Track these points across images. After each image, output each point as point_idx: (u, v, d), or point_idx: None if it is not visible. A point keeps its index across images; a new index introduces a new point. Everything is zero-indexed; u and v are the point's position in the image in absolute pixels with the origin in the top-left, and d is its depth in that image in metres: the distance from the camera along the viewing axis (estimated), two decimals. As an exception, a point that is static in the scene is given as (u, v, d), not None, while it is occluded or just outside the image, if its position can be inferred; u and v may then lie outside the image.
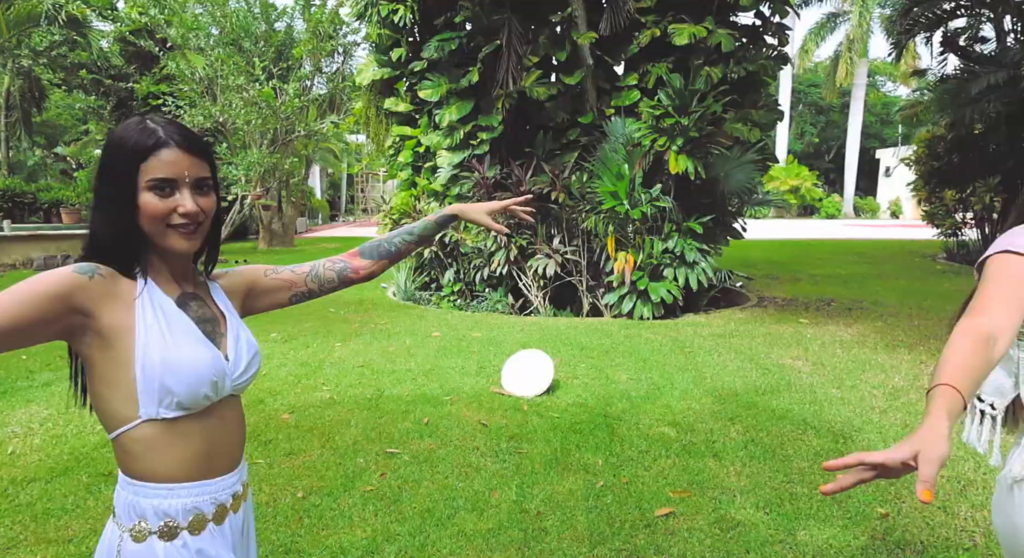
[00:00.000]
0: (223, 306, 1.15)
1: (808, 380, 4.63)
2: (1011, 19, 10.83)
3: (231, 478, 1.10)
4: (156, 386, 0.97)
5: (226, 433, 1.09)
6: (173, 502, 1.02)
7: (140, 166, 0.97)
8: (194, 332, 1.04)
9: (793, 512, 2.67)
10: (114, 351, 0.97)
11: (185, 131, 1.03)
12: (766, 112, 7.93)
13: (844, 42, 24.86)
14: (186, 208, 0.99)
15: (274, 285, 1.27)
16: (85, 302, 0.94)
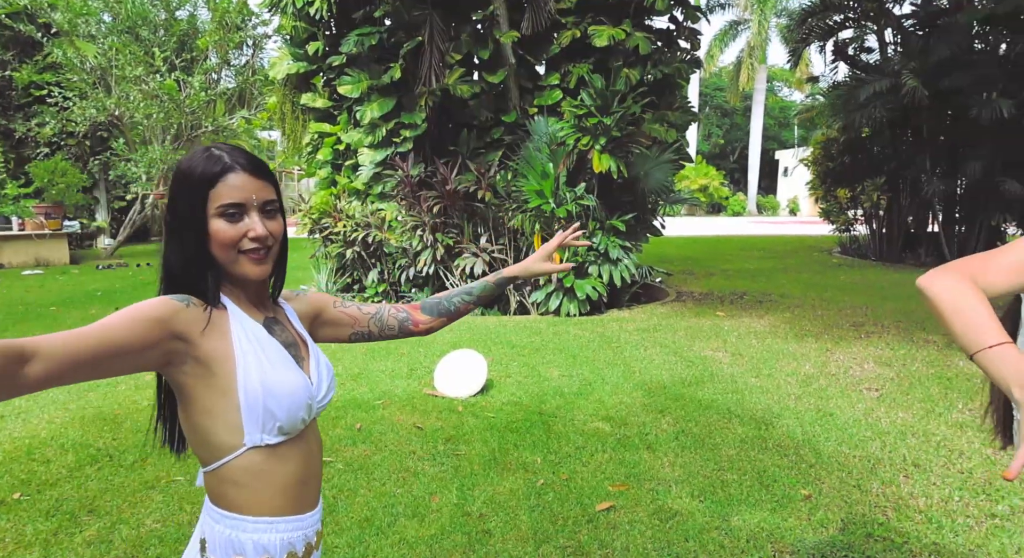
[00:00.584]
0: (300, 329, 1.15)
1: (729, 370, 4.84)
2: (891, 32, 11.80)
3: (316, 514, 1.09)
4: (260, 411, 0.96)
5: (315, 457, 1.09)
6: (273, 537, 1.00)
7: (209, 193, 0.97)
8: (285, 356, 1.04)
9: (726, 498, 2.78)
10: (215, 378, 0.96)
11: (249, 155, 1.02)
12: (681, 113, 8.25)
13: (745, 49, 26.34)
14: (256, 232, 0.99)
15: (339, 318, 1.27)
16: (183, 328, 0.94)
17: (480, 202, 7.33)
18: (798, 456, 3.24)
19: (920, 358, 5.11)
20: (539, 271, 1.44)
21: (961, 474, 3.02)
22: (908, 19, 11.65)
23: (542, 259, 1.44)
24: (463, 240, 7.49)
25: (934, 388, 4.35)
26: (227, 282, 1.04)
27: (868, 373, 4.76)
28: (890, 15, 11.56)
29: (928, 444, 3.38)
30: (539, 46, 7.81)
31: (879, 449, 3.32)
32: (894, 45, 11.90)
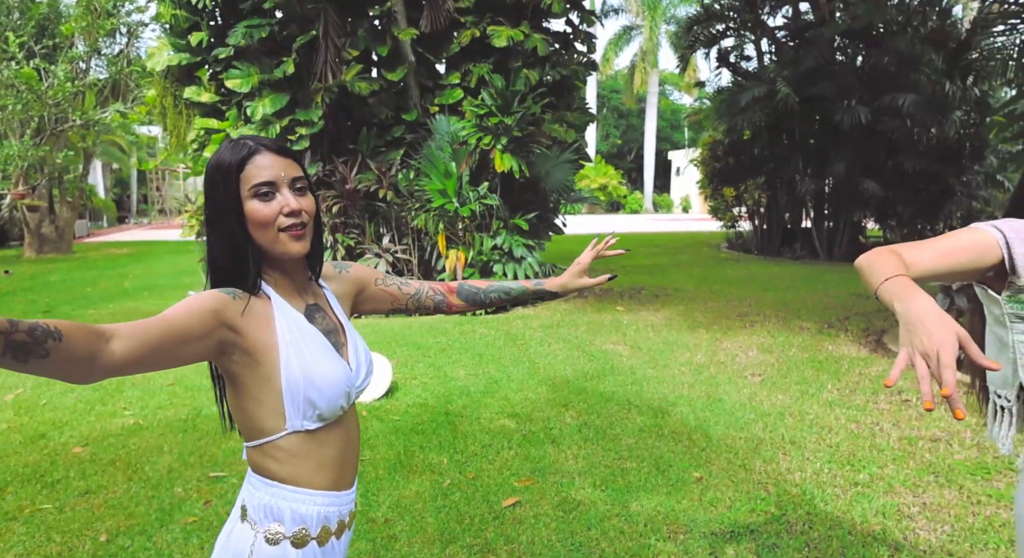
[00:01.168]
0: (339, 314, 1.18)
1: (628, 363, 5.05)
2: (767, 42, 12.74)
3: (351, 494, 1.14)
4: (301, 400, 1.01)
5: (353, 440, 1.14)
6: (310, 508, 1.05)
7: (240, 176, 1.02)
8: (326, 345, 1.08)
9: (625, 486, 2.90)
10: (262, 367, 1.01)
11: (272, 139, 1.10)
12: (579, 114, 8.50)
13: (639, 53, 27.51)
14: (291, 206, 1.02)
15: (380, 296, 1.31)
16: (233, 319, 0.99)
17: (382, 202, 7.20)
18: (691, 441, 3.44)
19: (796, 344, 5.56)
20: (577, 287, 1.42)
21: (830, 448, 3.32)
22: (781, 31, 12.63)
23: (578, 275, 1.42)
24: (365, 240, 7.33)
25: (808, 371, 4.75)
26: (269, 271, 1.08)
27: (752, 360, 5.12)
28: (765, 26, 12.47)
29: (803, 423, 3.69)
30: (439, 44, 7.77)
31: (761, 430, 3.59)
32: (770, 54, 12.85)
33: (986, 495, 2.77)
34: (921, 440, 3.41)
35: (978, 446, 3.31)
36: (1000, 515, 2.60)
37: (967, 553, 2.34)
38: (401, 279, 1.35)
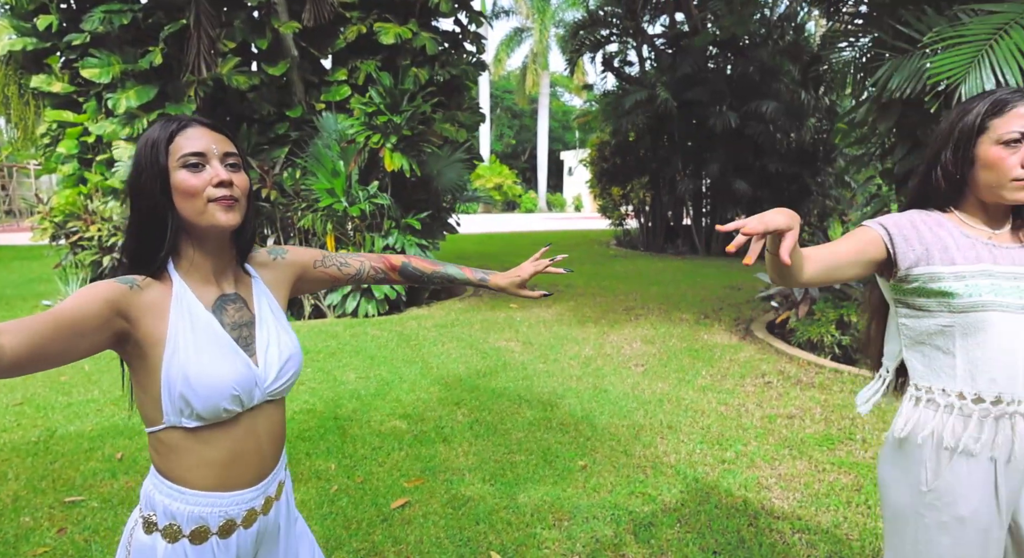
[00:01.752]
0: (263, 305, 1.13)
1: (520, 359, 5.16)
2: (647, 48, 13.42)
3: (250, 492, 1.08)
4: (176, 397, 0.99)
5: (253, 444, 1.08)
6: (181, 506, 1.03)
7: (169, 148, 1.00)
8: (223, 342, 1.03)
9: (514, 479, 2.97)
10: (147, 360, 1.00)
11: (206, 117, 1.08)
12: (470, 114, 8.54)
13: (530, 55, 28.05)
14: (220, 177, 1.00)
15: (321, 277, 1.29)
16: (127, 309, 0.97)
17: (266, 201, 6.88)
18: (577, 431, 3.58)
19: (676, 334, 5.93)
20: (514, 294, 1.43)
21: (702, 430, 3.58)
22: (659, 38, 13.35)
23: (517, 285, 1.42)
24: (247, 242, 6.97)
25: (685, 360, 5.08)
26: (188, 253, 1.05)
27: (636, 351, 5.40)
28: (645, 34, 13.14)
29: (679, 408, 3.95)
30: (324, 39, 7.53)
31: (642, 417, 3.80)
32: (650, 60, 13.55)
33: (830, 463, 3.11)
34: (780, 418, 3.76)
35: (825, 421, 3.69)
36: (840, 480, 2.93)
37: (812, 515, 2.61)
38: (341, 259, 1.31)
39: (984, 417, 1.20)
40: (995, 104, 1.20)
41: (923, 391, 1.26)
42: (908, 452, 1.26)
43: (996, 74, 3.33)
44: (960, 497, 1.20)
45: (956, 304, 1.20)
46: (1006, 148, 1.18)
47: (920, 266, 1.22)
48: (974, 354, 1.20)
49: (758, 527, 2.53)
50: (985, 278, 1.20)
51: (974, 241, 1.23)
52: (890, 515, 1.31)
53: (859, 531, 2.48)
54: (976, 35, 3.47)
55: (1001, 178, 1.19)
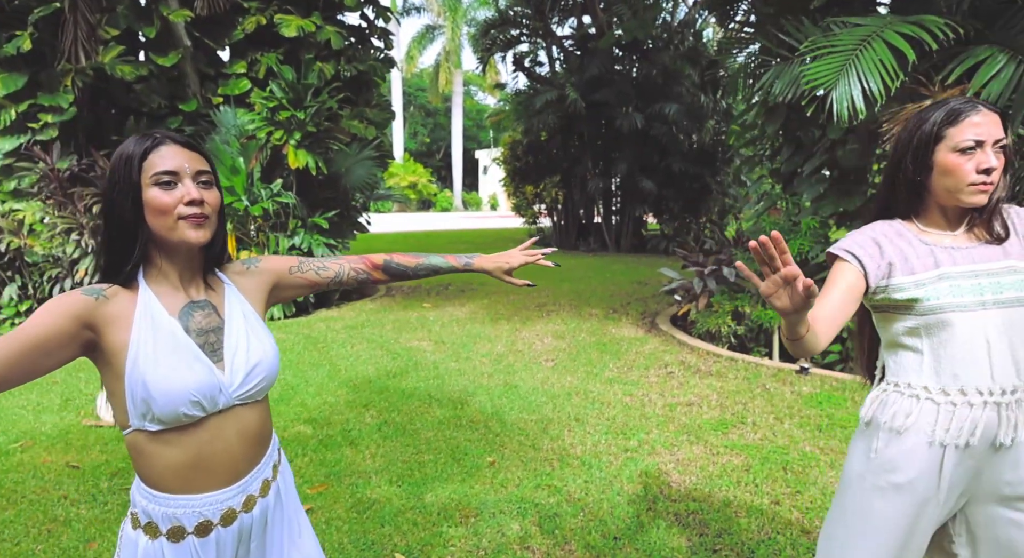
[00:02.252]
0: (234, 311, 1.14)
1: (432, 358, 5.13)
2: (556, 49, 13.68)
3: (224, 493, 1.10)
4: (138, 402, 1.02)
5: (222, 446, 1.09)
6: (155, 507, 1.07)
7: (142, 165, 1.03)
8: (184, 349, 1.05)
9: (421, 479, 2.95)
10: (112, 367, 1.03)
11: (181, 134, 1.10)
12: (379, 111, 8.38)
13: (442, 53, 27.88)
14: (191, 196, 1.03)
15: (299, 283, 1.30)
16: (93, 321, 1.01)
17: (157, 200, 6.46)
18: (487, 428, 3.60)
19: (586, 329, 6.09)
20: (502, 279, 1.48)
21: (608, 421, 3.69)
22: (568, 40, 13.63)
23: (504, 271, 1.47)
24: (138, 244, 6.53)
25: (594, 353, 5.23)
26: (158, 261, 1.08)
27: (547, 346, 5.50)
28: (554, 35, 13.37)
29: (587, 401, 4.06)
30: (220, 30, 7.16)
31: (551, 411, 3.88)
32: (560, 61, 13.81)
33: (724, 446, 3.29)
34: (680, 405, 3.94)
35: (720, 406, 3.91)
36: (732, 462, 3.11)
37: (706, 497, 2.76)
38: (319, 263, 1.33)
39: (942, 405, 1.29)
40: (950, 114, 1.29)
41: (891, 386, 1.37)
42: (866, 431, 1.38)
43: (862, 82, 3.63)
44: (899, 467, 1.30)
45: (920, 308, 1.29)
46: (962, 155, 1.27)
47: (884, 279, 1.32)
48: (939, 352, 1.30)
49: (656, 511, 2.64)
50: (944, 281, 1.28)
51: (932, 247, 1.32)
52: (841, 485, 1.42)
53: (746, 509, 2.64)
54: (845, 46, 3.77)
55: (959, 183, 1.28)
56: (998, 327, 1.26)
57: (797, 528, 2.48)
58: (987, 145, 1.26)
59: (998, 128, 1.27)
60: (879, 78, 3.59)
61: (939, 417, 1.29)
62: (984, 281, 1.27)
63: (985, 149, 1.26)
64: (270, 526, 1.18)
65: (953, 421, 1.28)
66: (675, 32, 12.40)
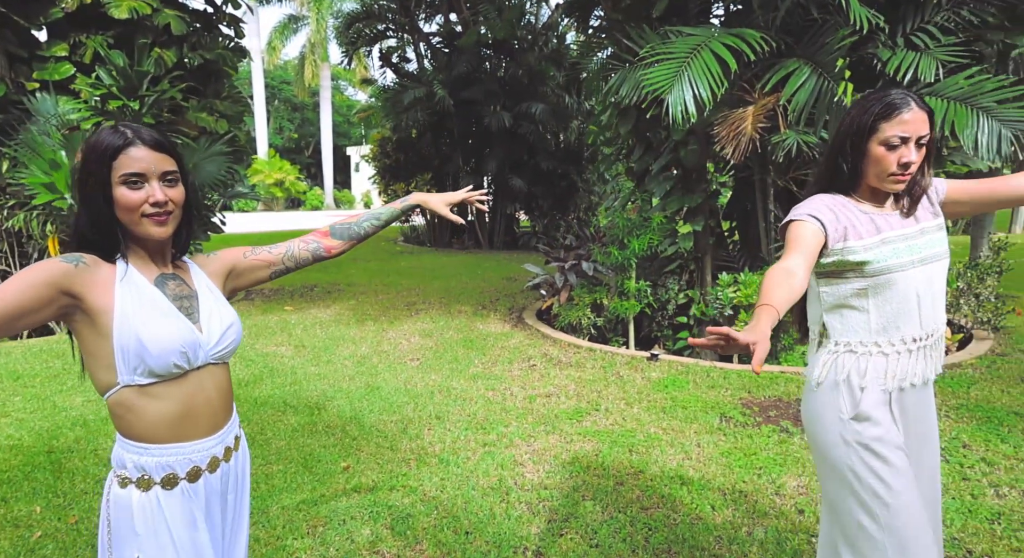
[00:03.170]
0: (201, 284, 1.26)
1: (290, 363, 4.88)
2: (424, 46, 13.56)
3: (209, 441, 1.22)
4: (131, 356, 1.11)
5: (204, 399, 1.21)
6: (148, 460, 1.16)
7: (112, 164, 1.12)
8: (167, 308, 1.17)
9: (267, 491, 2.79)
10: (97, 327, 1.11)
11: (151, 132, 1.16)
12: (231, 103, 7.84)
13: (307, 45, 26.67)
14: (156, 198, 1.13)
15: (253, 265, 1.39)
16: (72, 286, 1.09)
17: (-43, 199, 5.61)
18: (344, 432, 3.49)
19: (453, 327, 6.09)
20: (439, 210, 1.60)
21: (469, 417, 3.71)
22: (435, 36, 13.55)
23: (446, 204, 1.61)
24: (-67, 249, 5.63)
25: (460, 350, 5.24)
26: (132, 240, 1.18)
27: (414, 345, 5.43)
28: (420, 31, 13.23)
29: (449, 398, 4.05)
30: (34, 6, 6.34)
31: (412, 410, 3.83)
32: (427, 58, 13.70)
33: (577, 434, 3.42)
34: (539, 397, 4.05)
35: (577, 396, 4.06)
36: (584, 448, 3.24)
37: (557, 484, 2.85)
38: (267, 247, 1.43)
39: (887, 355, 1.46)
40: (885, 108, 1.42)
41: (842, 345, 1.50)
42: (825, 393, 1.50)
43: (693, 87, 3.92)
44: (873, 418, 1.44)
45: (868, 270, 1.44)
46: (888, 148, 1.42)
47: (839, 243, 1.45)
48: (884, 309, 1.46)
49: (509, 501, 2.69)
50: (886, 245, 1.45)
51: (870, 216, 1.48)
52: (821, 453, 1.51)
53: (593, 492, 2.76)
54: (678, 53, 4.05)
55: (882, 173, 1.44)
56: (923, 282, 1.46)
57: (637, 506, 2.63)
58: (911, 141, 1.42)
59: (924, 125, 1.42)
60: (707, 84, 3.89)
61: (887, 367, 1.46)
62: (910, 243, 1.47)
63: (909, 145, 1.42)
64: (242, 480, 1.32)
65: (898, 368, 1.46)
66: (540, 34, 12.74)
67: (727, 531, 2.42)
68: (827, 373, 1.50)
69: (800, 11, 4.31)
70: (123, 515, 1.16)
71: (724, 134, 4.32)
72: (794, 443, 3.23)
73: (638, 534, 2.41)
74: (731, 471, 2.93)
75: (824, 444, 1.49)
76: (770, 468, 2.94)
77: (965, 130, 3.62)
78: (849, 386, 1.46)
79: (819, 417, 1.50)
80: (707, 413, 3.67)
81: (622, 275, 5.47)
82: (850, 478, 1.44)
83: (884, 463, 1.42)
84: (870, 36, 4.14)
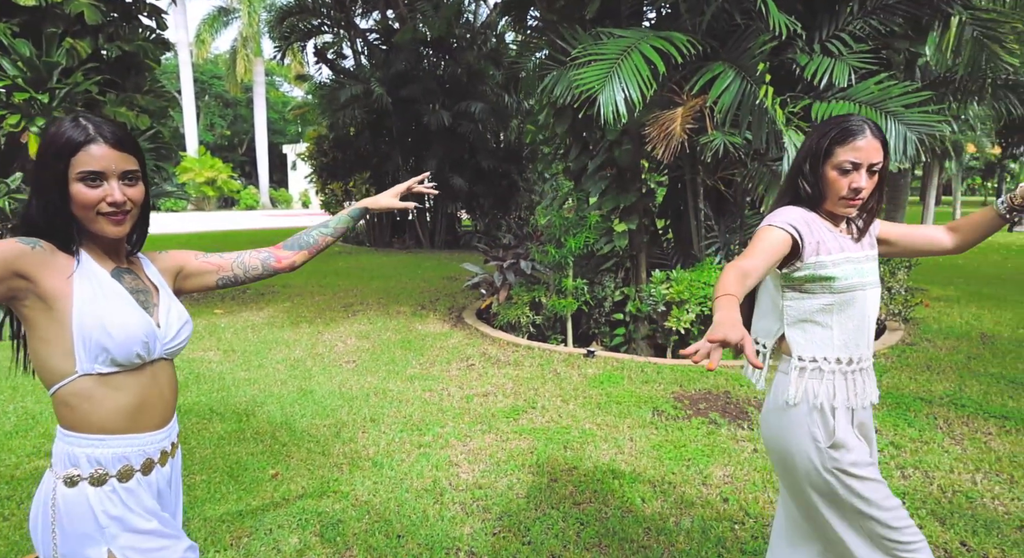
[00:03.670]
0: (155, 280, 1.27)
1: (218, 369, 4.70)
2: (361, 42, 13.31)
3: (159, 434, 1.23)
4: (93, 344, 1.09)
5: (157, 391, 1.22)
6: (104, 451, 1.14)
7: (71, 159, 1.10)
8: (128, 299, 1.16)
9: (188, 504, 2.67)
10: (54, 312, 1.09)
11: (115, 128, 1.14)
12: (154, 97, 7.48)
13: (239, 39, 25.73)
14: (114, 197, 1.12)
15: (203, 268, 1.39)
16: (27, 268, 1.07)
17: None
18: (274, 439, 3.38)
19: (392, 327, 6.00)
20: (390, 206, 1.57)
21: (404, 419, 3.66)
22: (372, 33, 13.33)
23: (393, 196, 1.58)
24: None
25: (398, 351, 5.17)
26: (85, 233, 1.16)
27: (350, 347, 5.32)
28: (357, 27, 12.98)
29: (385, 400, 3.99)
30: (-76, -11, 5.86)
31: (346, 414, 3.75)
32: (364, 54, 13.46)
33: (513, 432, 3.43)
34: (476, 396, 4.04)
35: (514, 394, 4.08)
36: (520, 446, 3.25)
37: (491, 483, 2.84)
38: (219, 254, 1.43)
39: (845, 374, 1.50)
40: (841, 133, 1.46)
41: (807, 361, 1.51)
42: (799, 417, 1.49)
43: (623, 89, 3.99)
44: (848, 445, 1.47)
45: (835, 286, 1.48)
46: (840, 173, 1.46)
47: (812, 256, 1.48)
48: (846, 326, 1.50)
49: (443, 503, 2.67)
50: (849, 264, 1.49)
51: (835, 235, 1.52)
52: (801, 480, 1.50)
53: (527, 489, 2.77)
54: (609, 54, 4.12)
55: (833, 196, 1.49)
56: (871, 304, 1.52)
57: (570, 501, 2.66)
58: (863, 168, 1.45)
59: (877, 152, 1.45)
60: (637, 85, 3.97)
61: (847, 385, 1.50)
62: (861, 266, 1.51)
63: (860, 171, 1.45)
64: (178, 476, 1.32)
65: (856, 387, 1.51)
66: (479, 33, 12.71)
67: (655, 522, 2.48)
68: (800, 394, 1.50)
69: (725, 16, 4.46)
70: (78, 513, 1.13)
71: (655, 134, 4.42)
72: (721, 434, 3.34)
73: (570, 529, 2.44)
74: (661, 463, 3.00)
75: (799, 469, 1.50)
76: (698, 459, 3.02)
77: (875, 132, 3.81)
78: (823, 413, 1.48)
79: (792, 441, 1.50)
80: (640, 407, 3.75)
81: (559, 273, 5.53)
82: (830, 500, 1.48)
83: (861, 481, 1.46)
84: (789, 42, 4.32)
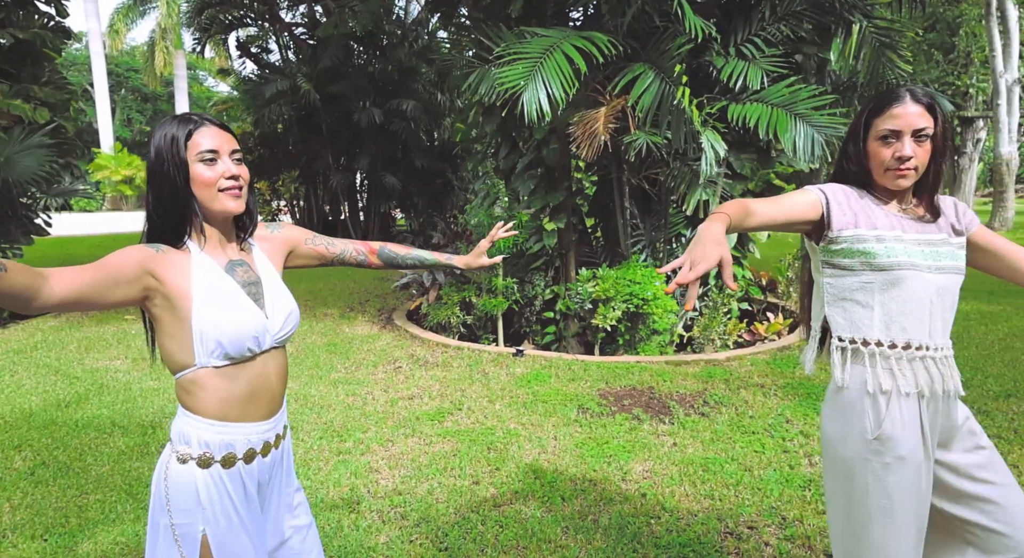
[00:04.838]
0: (264, 269, 1.34)
1: (125, 379, 4.41)
2: (287, 37, 12.88)
3: (265, 425, 1.29)
4: (209, 341, 1.19)
5: (267, 381, 1.29)
6: (213, 436, 1.22)
7: (187, 144, 1.21)
8: (239, 295, 1.25)
9: (78, 526, 2.47)
10: (176, 311, 1.19)
11: (211, 117, 1.26)
12: (53, 90, 6.99)
13: (157, 30, 24.42)
14: (231, 171, 1.23)
15: (309, 253, 1.49)
16: (156, 269, 1.18)
17: None
18: (182, 452, 3.19)
19: (318, 331, 5.81)
20: (477, 266, 1.70)
21: (325, 425, 3.53)
22: (299, 27, 12.91)
23: (478, 255, 1.70)
24: None
25: (322, 355, 5.00)
26: (198, 229, 1.24)
27: (271, 352, 5.10)
28: (282, 21, 12.55)
29: (306, 406, 3.84)
30: None
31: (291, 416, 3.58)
32: (290, 49, 13.02)
33: (437, 435, 3.37)
34: (402, 399, 3.94)
35: (441, 396, 4.01)
36: (443, 449, 3.19)
37: (411, 488, 2.77)
38: (328, 239, 1.52)
39: (899, 360, 1.39)
40: (877, 104, 1.41)
41: (846, 342, 1.43)
42: (847, 406, 1.42)
43: (546, 87, 3.99)
44: (899, 440, 1.37)
45: (876, 263, 1.39)
46: (883, 143, 1.40)
47: (849, 229, 1.41)
48: (890, 307, 1.40)
49: (359, 511, 2.58)
50: (899, 242, 1.40)
51: (887, 212, 1.45)
52: (839, 468, 1.42)
53: (447, 493, 2.72)
54: (532, 53, 4.10)
55: (878, 168, 1.42)
56: (939, 290, 1.41)
57: (490, 504, 2.62)
58: (905, 135, 1.39)
59: (920, 118, 1.38)
60: (560, 84, 3.98)
61: (905, 373, 1.39)
62: (928, 249, 1.42)
63: (903, 139, 1.39)
64: (286, 467, 1.36)
65: (916, 374, 1.40)
66: (410, 30, 12.52)
67: (574, 521, 2.47)
68: (848, 378, 1.43)
69: (645, 18, 4.53)
70: (185, 489, 1.20)
71: (579, 134, 4.44)
72: (643, 430, 3.38)
73: (488, 533, 2.40)
74: (583, 461, 3.00)
75: (845, 465, 1.43)
76: (619, 455, 3.05)
77: (785, 134, 3.97)
78: (874, 400, 1.39)
79: (840, 438, 1.44)
80: (566, 406, 3.75)
81: (489, 272, 5.49)
82: (873, 498, 1.40)
83: (904, 481, 1.38)
84: (706, 45, 4.43)
